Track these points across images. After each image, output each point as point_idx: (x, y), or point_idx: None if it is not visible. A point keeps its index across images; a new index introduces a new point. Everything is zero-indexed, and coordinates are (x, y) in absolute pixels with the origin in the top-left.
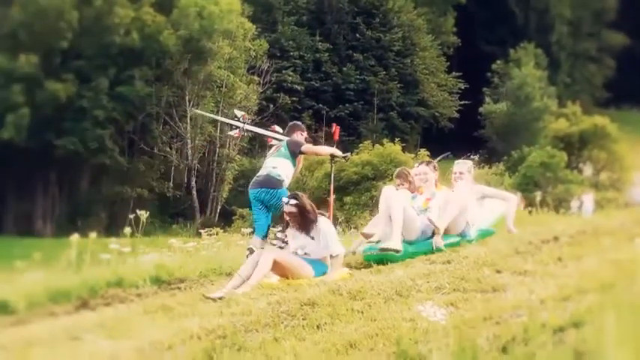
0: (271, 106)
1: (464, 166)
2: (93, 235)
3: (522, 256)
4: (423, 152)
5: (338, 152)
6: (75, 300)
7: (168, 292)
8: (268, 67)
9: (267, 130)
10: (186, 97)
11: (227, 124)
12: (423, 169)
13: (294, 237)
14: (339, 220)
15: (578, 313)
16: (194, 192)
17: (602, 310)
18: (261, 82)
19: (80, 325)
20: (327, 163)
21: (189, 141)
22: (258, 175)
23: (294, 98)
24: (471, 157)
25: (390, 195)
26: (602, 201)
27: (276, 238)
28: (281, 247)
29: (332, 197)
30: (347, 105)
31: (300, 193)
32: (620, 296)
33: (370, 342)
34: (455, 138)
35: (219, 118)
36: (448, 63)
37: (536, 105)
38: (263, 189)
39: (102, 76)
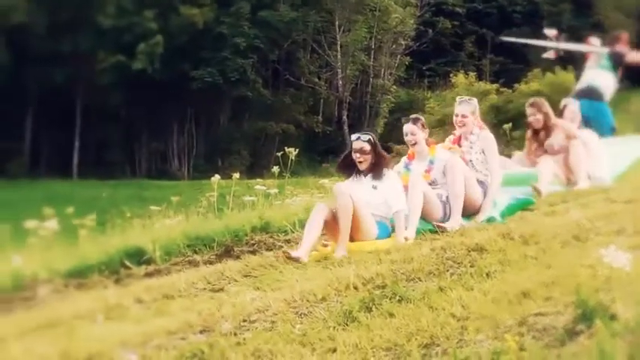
0: (430, 30)
1: (467, 106)
2: (236, 175)
3: None
4: None
5: None
6: (217, 247)
7: (321, 237)
8: None
9: (583, 44)
10: (336, 23)
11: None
12: (409, 128)
13: (354, 187)
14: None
15: None
16: (345, 127)
17: None
18: (419, 4)
19: (223, 275)
20: (493, 94)
21: (339, 71)
22: (577, 87)
23: (455, 22)
24: None
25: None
26: None
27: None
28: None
29: None
30: (513, 29)
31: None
32: None
33: (545, 291)
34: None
35: (528, 41)
36: None
37: None
38: (584, 100)
39: (243, 0)
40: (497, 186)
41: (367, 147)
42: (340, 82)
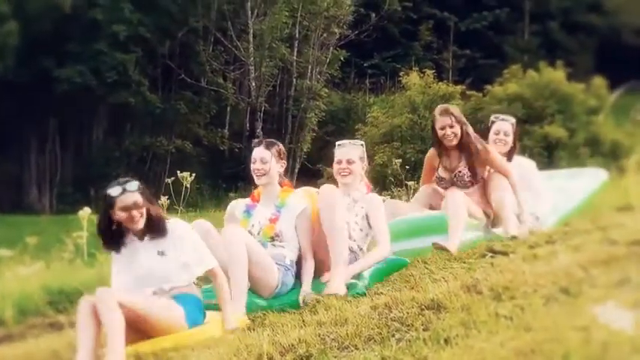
0: (373, 14)
1: (353, 149)
2: None
3: None
4: (599, 80)
5: None
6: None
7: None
8: None
9: None
10: (248, 4)
11: None
12: (259, 153)
13: (130, 261)
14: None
15: None
16: None
17: None
18: None
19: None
20: (457, 99)
21: (251, 68)
22: None
23: (408, 3)
24: None
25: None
26: None
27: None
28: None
29: None
30: (484, 13)
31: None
32: None
33: None
34: None
35: None
36: None
37: None
38: None
39: None
40: (379, 259)
41: (140, 199)
42: (253, 84)
